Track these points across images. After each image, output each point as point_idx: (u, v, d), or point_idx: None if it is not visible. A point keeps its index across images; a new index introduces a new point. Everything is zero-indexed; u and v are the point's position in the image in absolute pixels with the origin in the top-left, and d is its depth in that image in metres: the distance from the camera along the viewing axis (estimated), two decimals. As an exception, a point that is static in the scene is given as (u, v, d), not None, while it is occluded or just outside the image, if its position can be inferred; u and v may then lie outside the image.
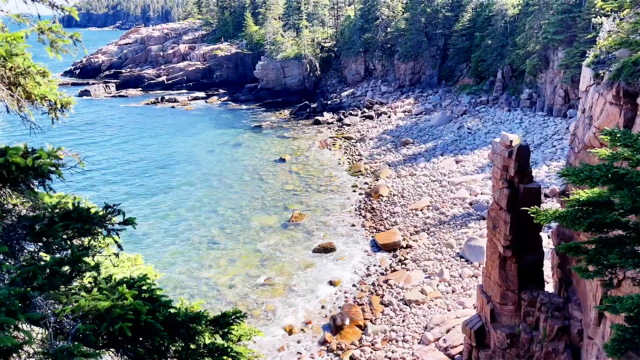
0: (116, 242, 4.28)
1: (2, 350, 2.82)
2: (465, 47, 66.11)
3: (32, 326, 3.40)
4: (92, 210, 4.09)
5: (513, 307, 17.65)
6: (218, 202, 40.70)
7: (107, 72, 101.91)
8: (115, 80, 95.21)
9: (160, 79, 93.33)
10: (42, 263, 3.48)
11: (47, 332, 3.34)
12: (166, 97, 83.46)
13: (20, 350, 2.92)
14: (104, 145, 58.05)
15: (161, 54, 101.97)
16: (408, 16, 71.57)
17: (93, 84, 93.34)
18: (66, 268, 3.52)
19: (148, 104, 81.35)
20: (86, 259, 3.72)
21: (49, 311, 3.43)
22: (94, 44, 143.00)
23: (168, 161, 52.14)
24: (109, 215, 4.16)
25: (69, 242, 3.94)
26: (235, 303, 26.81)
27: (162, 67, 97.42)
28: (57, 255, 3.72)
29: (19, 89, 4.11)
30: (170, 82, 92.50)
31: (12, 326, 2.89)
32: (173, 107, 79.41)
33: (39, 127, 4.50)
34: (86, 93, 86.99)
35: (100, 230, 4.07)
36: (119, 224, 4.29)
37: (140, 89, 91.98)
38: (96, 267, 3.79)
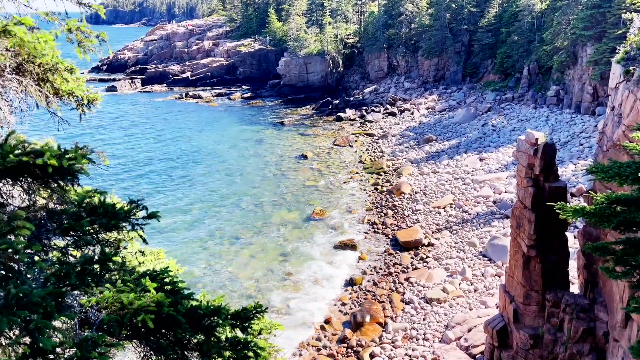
0: (141, 236, 4.35)
1: (41, 352, 2.90)
2: (491, 43, 65.10)
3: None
4: (118, 206, 4.17)
5: (537, 307, 17.37)
6: (240, 198, 41.01)
7: (133, 68, 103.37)
8: (140, 76, 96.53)
9: (184, 75, 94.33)
10: (73, 261, 3.57)
11: (72, 322, 3.41)
12: (190, 93, 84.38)
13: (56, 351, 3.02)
14: (128, 140, 59.02)
15: (186, 50, 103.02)
16: (432, 12, 70.81)
17: (119, 79, 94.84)
18: (96, 267, 3.61)
19: (172, 99, 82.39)
20: (115, 258, 3.79)
21: (75, 302, 3.51)
22: (120, 40, 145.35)
23: (192, 156, 52.74)
24: (134, 210, 4.23)
25: (96, 237, 4.02)
26: (256, 297, 27.00)
27: (187, 63, 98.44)
28: (87, 253, 3.81)
29: (48, 85, 4.21)
30: (194, 78, 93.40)
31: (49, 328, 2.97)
32: (197, 102, 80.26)
33: (66, 122, 4.60)
34: (113, 89, 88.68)
35: (125, 225, 4.15)
36: (143, 218, 4.35)
37: (165, 84, 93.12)
38: (122, 265, 3.85)
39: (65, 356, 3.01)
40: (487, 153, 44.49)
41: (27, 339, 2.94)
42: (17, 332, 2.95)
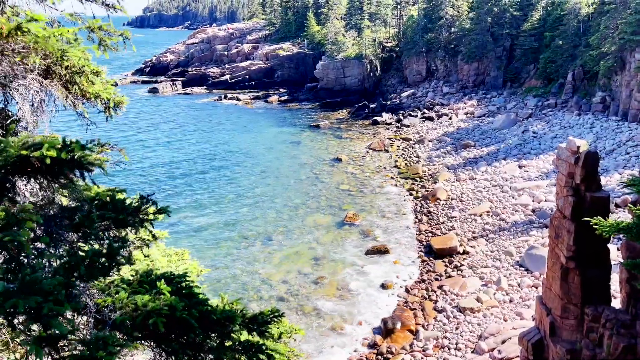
0: (151, 232, 4.40)
1: (52, 338, 2.97)
2: (534, 47, 63.39)
3: (74, 313, 3.58)
4: (127, 202, 4.23)
5: (575, 321, 16.74)
6: (274, 199, 41.30)
7: (174, 71, 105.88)
8: (181, 78, 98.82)
9: (224, 78, 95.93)
10: (82, 254, 3.66)
11: (87, 320, 3.48)
12: (229, 96, 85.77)
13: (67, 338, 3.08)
14: (167, 140, 60.40)
15: (226, 53, 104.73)
16: (473, 16, 69.60)
17: (161, 81, 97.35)
18: (103, 260, 3.67)
19: (211, 101, 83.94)
20: (122, 251, 3.84)
21: (91, 301, 3.58)
22: (163, 43, 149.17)
23: (228, 157, 53.51)
24: (144, 206, 4.28)
25: (105, 233, 4.09)
26: (287, 299, 27.11)
27: (226, 66, 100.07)
28: (96, 247, 3.90)
29: (75, 87, 4.33)
30: (233, 80, 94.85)
31: (61, 314, 3.05)
32: (235, 105, 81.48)
33: (94, 124, 4.71)
34: (154, 90, 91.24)
35: (135, 220, 4.20)
36: (153, 214, 4.40)
37: (204, 87, 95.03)
38: (130, 260, 3.92)
39: (75, 354, 3.07)
40: (527, 160, 43.33)
41: (35, 327, 3.03)
42: (24, 318, 3.04)
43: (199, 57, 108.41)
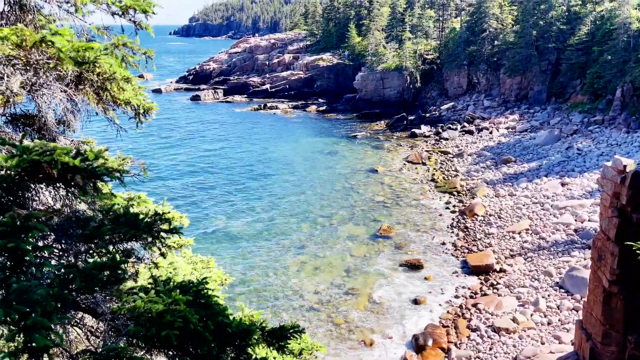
0: (159, 249, 4.39)
1: (34, 350, 2.95)
2: (581, 62, 61.52)
3: (93, 318, 3.60)
4: (141, 216, 4.23)
5: (616, 348, 15.97)
6: (309, 209, 41.33)
7: (216, 79, 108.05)
8: (223, 87, 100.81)
9: (264, 87, 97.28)
10: (82, 266, 3.65)
11: (103, 327, 3.50)
12: (268, 105, 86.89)
13: (51, 351, 3.06)
14: (206, 147, 61.52)
15: (267, 63, 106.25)
16: (518, 29, 68.26)
17: (204, 89, 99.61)
18: (106, 273, 3.66)
19: (251, 110, 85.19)
20: (124, 266, 3.82)
21: (107, 308, 3.60)
22: (207, 52, 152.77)
23: (265, 165, 54.01)
24: (156, 224, 4.27)
25: (114, 247, 4.10)
26: (318, 310, 26.97)
27: (267, 75, 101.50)
28: (98, 260, 3.89)
29: (106, 94, 4.42)
30: (273, 90, 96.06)
31: (45, 327, 3.01)
32: (274, 114, 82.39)
33: (124, 130, 4.80)
34: (197, 98, 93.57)
35: (146, 237, 4.20)
36: (165, 232, 4.38)
37: (245, 95, 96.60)
38: (135, 275, 3.90)
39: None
40: (570, 178, 41.91)
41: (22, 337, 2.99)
42: (12, 328, 3.01)
43: (240, 66, 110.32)
